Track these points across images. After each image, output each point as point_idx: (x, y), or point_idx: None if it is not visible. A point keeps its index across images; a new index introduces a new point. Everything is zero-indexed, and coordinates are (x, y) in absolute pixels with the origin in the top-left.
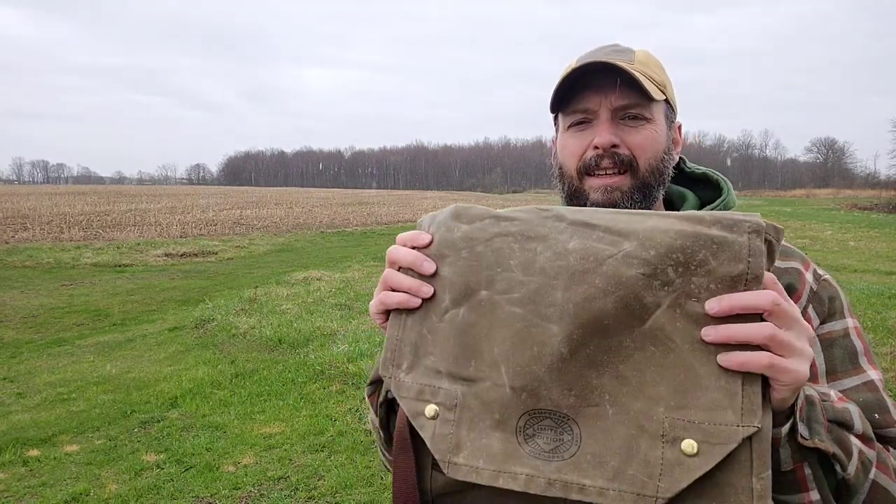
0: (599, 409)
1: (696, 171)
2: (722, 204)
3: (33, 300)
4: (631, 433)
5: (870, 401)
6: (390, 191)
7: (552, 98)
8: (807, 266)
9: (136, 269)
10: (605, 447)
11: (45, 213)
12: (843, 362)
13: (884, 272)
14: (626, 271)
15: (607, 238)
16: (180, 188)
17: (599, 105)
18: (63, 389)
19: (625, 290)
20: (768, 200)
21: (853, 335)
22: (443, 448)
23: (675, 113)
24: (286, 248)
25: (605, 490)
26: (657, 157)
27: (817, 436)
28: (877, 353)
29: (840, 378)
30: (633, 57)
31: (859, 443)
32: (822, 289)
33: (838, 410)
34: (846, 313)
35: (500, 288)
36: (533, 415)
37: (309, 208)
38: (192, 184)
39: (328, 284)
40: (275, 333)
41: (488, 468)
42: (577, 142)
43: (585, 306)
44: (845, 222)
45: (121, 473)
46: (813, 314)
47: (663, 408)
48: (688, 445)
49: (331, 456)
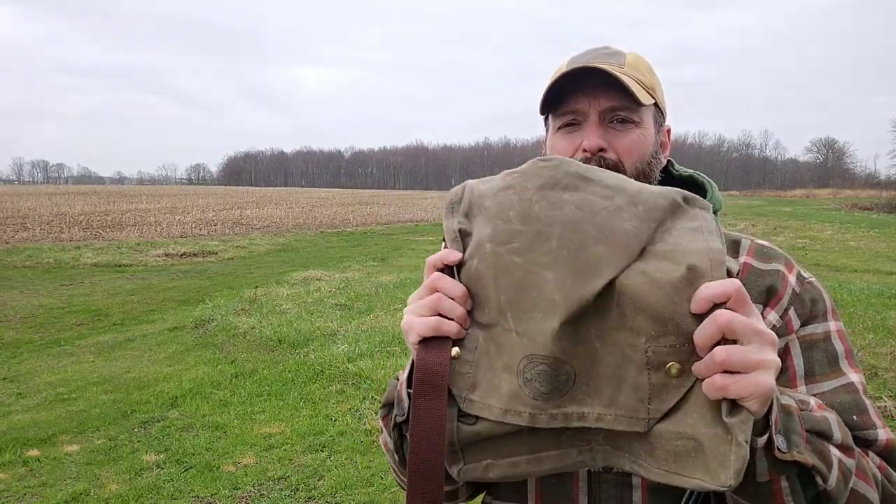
0: (588, 346)
1: (683, 173)
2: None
3: (33, 300)
4: (619, 363)
5: (848, 402)
6: (390, 191)
7: (542, 100)
8: (790, 268)
9: (135, 269)
10: (598, 378)
11: (45, 213)
12: (823, 365)
13: (884, 272)
14: (617, 222)
15: (601, 192)
16: (180, 188)
17: (589, 107)
18: (63, 389)
19: (615, 237)
20: (768, 200)
21: (835, 338)
22: (462, 385)
23: (663, 116)
24: (286, 248)
25: (603, 415)
26: (644, 161)
27: (796, 448)
28: (876, 352)
29: (819, 381)
30: (624, 60)
31: (839, 452)
32: (805, 291)
33: (817, 420)
34: (829, 316)
35: (502, 239)
36: (531, 359)
37: (309, 208)
38: (193, 184)
39: (328, 284)
40: (275, 333)
41: (498, 406)
42: (565, 144)
43: (579, 253)
44: (845, 222)
45: (121, 473)
46: (794, 316)
47: (644, 338)
48: (672, 368)
49: (331, 456)
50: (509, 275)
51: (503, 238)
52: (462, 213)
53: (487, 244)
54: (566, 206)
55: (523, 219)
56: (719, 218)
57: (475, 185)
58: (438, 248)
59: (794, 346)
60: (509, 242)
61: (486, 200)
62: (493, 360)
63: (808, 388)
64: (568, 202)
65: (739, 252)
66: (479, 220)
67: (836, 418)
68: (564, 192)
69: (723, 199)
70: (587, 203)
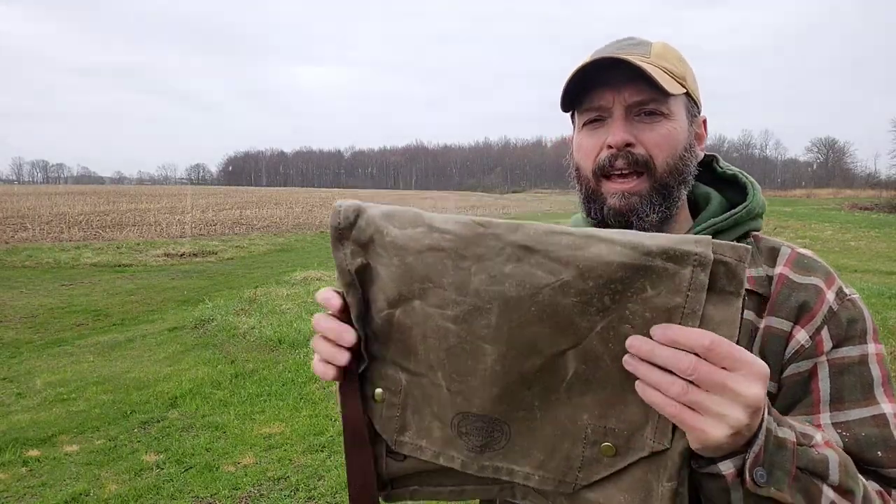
0: (528, 414)
1: (728, 171)
2: (745, 210)
3: (33, 300)
4: (556, 433)
5: (874, 437)
6: (390, 191)
7: (562, 96)
8: (830, 283)
9: (135, 269)
10: (533, 443)
11: (45, 213)
12: (854, 391)
13: (884, 272)
14: (562, 300)
15: (546, 265)
16: (180, 188)
17: (613, 102)
18: (63, 389)
19: (559, 316)
20: (769, 200)
21: (872, 362)
22: (390, 428)
23: (697, 107)
24: (286, 248)
25: (531, 475)
26: (676, 156)
27: (775, 484)
28: None
29: (847, 408)
30: (650, 50)
31: (833, 494)
32: (844, 309)
33: (814, 459)
34: (868, 338)
35: (433, 302)
36: (465, 416)
37: (309, 208)
38: (192, 184)
39: (328, 284)
40: (275, 333)
41: (431, 448)
42: (591, 141)
43: (519, 331)
44: (846, 222)
45: (120, 473)
46: (826, 337)
47: (587, 415)
48: (606, 448)
49: (331, 456)
50: (442, 338)
51: (435, 302)
52: (355, 242)
53: (416, 301)
54: (507, 280)
55: (459, 289)
56: (759, 224)
57: (378, 220)
58: None
59: (822, 368)
60: (443, 308)
61: (402, 252)
62: (420, 405)
63: (832, 415)
64: (509, 277)
65: (777, 261)
66: (389, 265)
67: (838, 458)
68: (506, 264)
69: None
70: (529, 279)
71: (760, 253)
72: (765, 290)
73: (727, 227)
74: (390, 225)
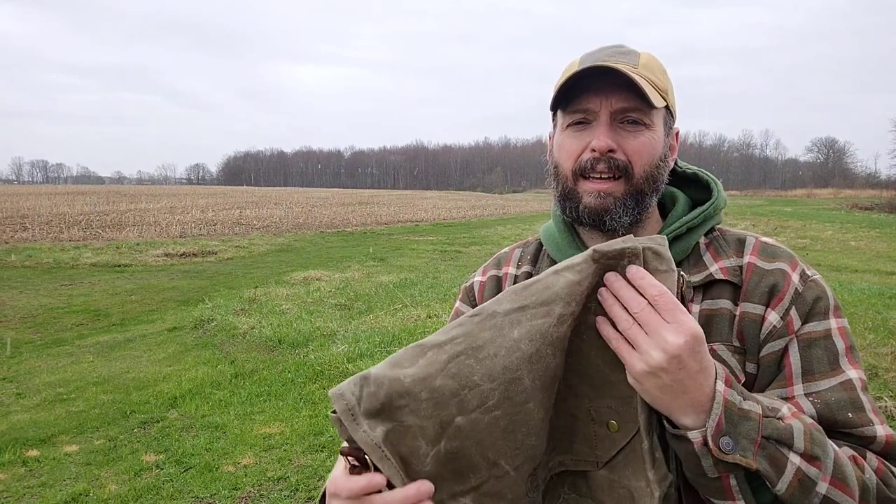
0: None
1: (688, 170)
2: (712, 207)
3: (33, 300)
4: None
5: (843, 400)
6: (390, 191)
7: (553, 97)
8: (794, 266)
9: (135, 269)
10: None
11: (45, 213)
12: (822, 363)
13: (885, 272)
14: (563, 330)
15: (541, 311)
16: (180, 188)
17: (600, 106)
18: (62, 390)
19: (563, 341)
20: (769, 200)
21: (836, 335)
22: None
23: (673, 119)
24: (286, 248)
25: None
26: (652, 164)
27: (741, 451)
28: (877, 353)
29: (817, 379)
30: (638, 60)
31: (799, 460)
32: (808, 289)
33: (780, 428)
34: (830, 313)
35: (473, 405)
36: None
37: (309, 208)
38: (192, 183)
39: (328, 284)
40: (275, 333)
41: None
42: (574, 142)
43: (544, 373)
44: (846, 222)
45: (120, 474)
46: (795, 316)
47: (587, 400)
48: (612, 425)
49: (331, 456)
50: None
51: (475, 403)
52: (368, 413)
53: (458, 419)
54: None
55: (490, 377)
56: (721, 217)
57: (387, 372)
58: (438, 248)
59: (792, 345)
60: (484, 403)
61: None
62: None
63: (805, 386)
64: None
65: (744, 251)
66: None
67: (803, 428)
68: (512, 330)
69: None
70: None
71: (729, 245)
72: (737, 279)
73: (697, 223)
74: (401, 369)
